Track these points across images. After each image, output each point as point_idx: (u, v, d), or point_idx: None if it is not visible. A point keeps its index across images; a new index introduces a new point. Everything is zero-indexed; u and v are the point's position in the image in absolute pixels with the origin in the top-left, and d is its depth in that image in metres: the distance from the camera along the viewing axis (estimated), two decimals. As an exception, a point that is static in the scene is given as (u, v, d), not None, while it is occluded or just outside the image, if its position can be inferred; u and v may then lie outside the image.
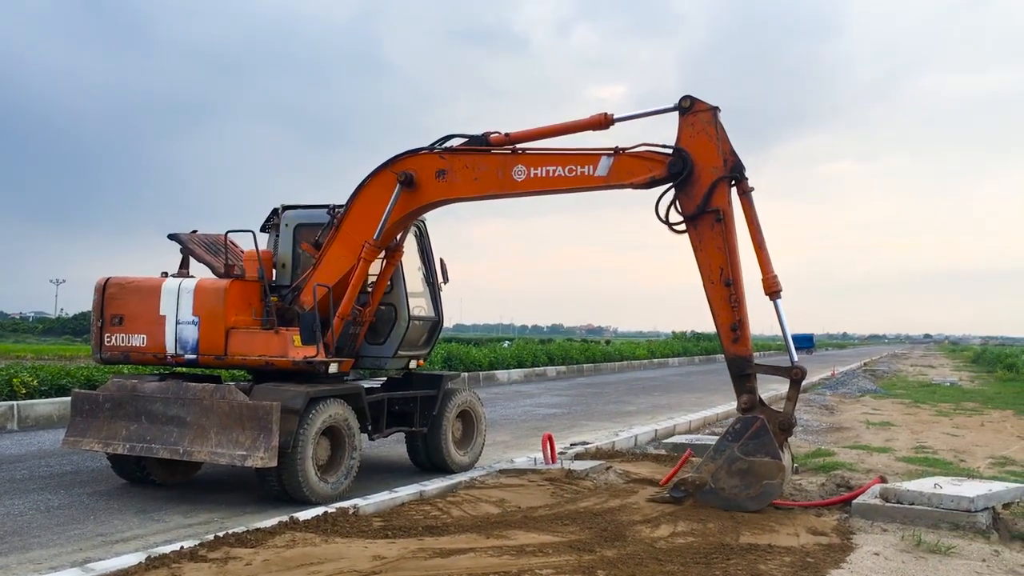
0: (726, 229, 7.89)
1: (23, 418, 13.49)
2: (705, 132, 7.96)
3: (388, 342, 9.34)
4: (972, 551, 6.33)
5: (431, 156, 8.55)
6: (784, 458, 7.60)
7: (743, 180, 7.94)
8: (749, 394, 7.85)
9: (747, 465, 7.47)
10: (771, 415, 7.77)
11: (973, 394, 23.57)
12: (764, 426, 7.53)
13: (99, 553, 6.25)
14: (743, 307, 7.93)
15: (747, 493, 7.42)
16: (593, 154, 8.20)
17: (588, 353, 38.17)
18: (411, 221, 9.11)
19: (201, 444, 7.84)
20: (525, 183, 8.31)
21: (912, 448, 12.17)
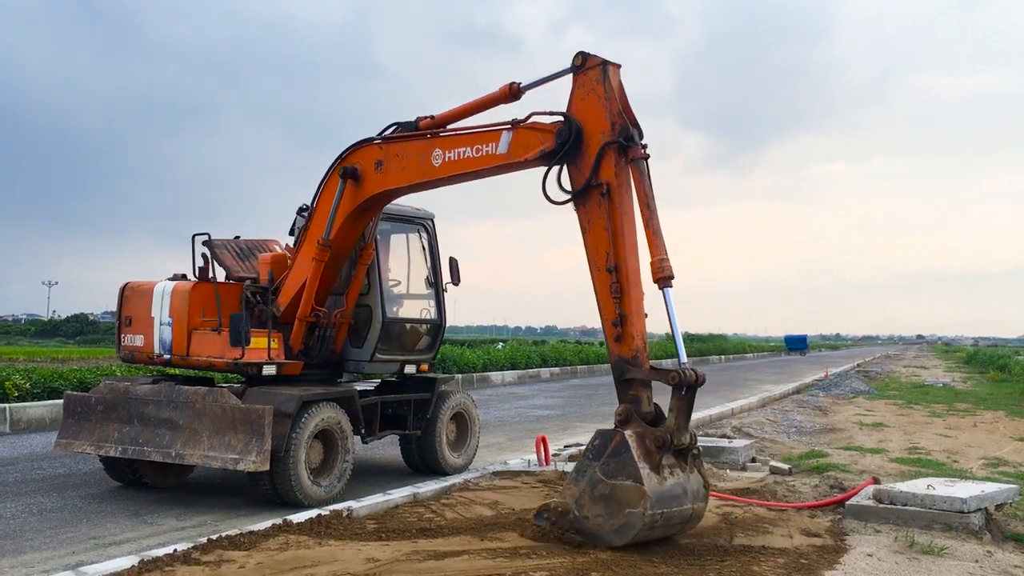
0: (611, 205, 6.73)
1: (15, 421, 13.45)
2: (593, 92, 6.89)
3: (366, 345, 9.19)
4: (965, 552, 6.35)
5: (371, 147, 8.30)
6: (664, 483, 6.13)
7: (634, 146, 6.76)
8: (629, 404, 6.49)
9: (609, 489, 6.16)
10: (648, 431, 6.34)
11: (966, 395, 23.63)
12: (624, 443, 6.16)
13: (92, 556, 6.23)
14: (629, 299, 6.63)
15: (610, 524, 6.13)
16: (496, 130, 7.52)
17: (582, 354, 38.17)
18: (365, 217, 8.68)
19: (193, 447, 7.83)
20: (443, 167, 7.80)
21: (905, 449, 12.19)
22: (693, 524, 6.53)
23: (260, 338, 8.32)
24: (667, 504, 6.10)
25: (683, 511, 6.24)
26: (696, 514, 6.43)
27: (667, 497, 6.11)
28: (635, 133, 6.78)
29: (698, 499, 6.37)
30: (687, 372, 6.28)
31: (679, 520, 6.30)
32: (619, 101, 6.83)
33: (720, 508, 7.66)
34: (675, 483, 6.20)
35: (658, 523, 6.09)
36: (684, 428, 6.32)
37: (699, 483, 6.41)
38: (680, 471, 6.28)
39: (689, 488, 6.29)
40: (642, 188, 6.71)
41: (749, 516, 7.39)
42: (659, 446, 6.19)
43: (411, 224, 9.75)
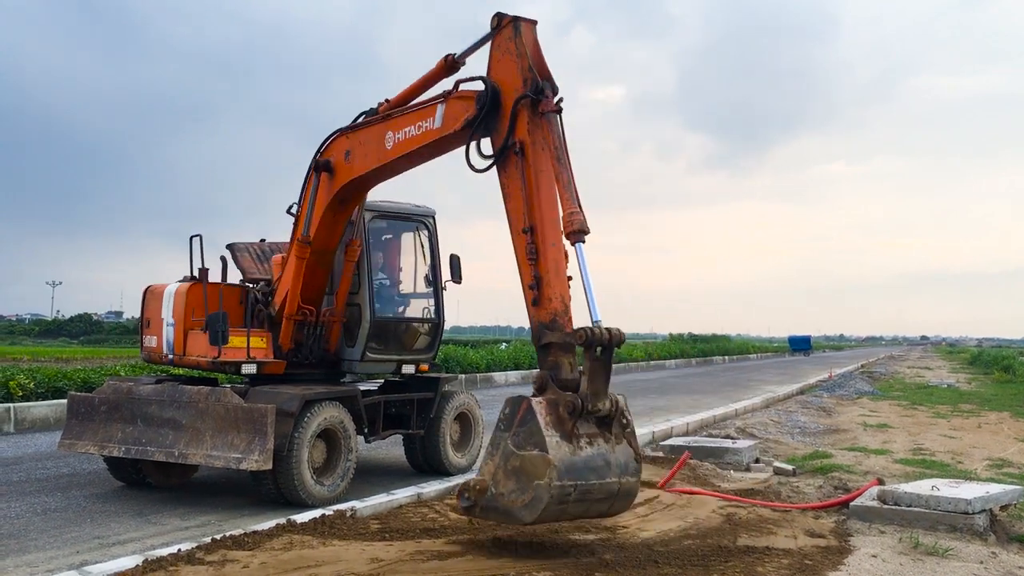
0: (524, 164, 6.46)
1: (19, 420, 13.46)
2: (508, 52, 6.69)
3: (357, 344, 9.12)
4: (969, 553, 6.33)
5: (341, 138, 8.28)
6: (577, 452, 5.67)
7: (544, 99, 6.44)
8: (548, 371, 5.99)
9: (519, 462, 5.67)
10: (561, 396, 5.82)
11: (970, 396, 23.59)
12: (531, 410, 5.69)
13: (96, 556, 6.23)
14: (546, 259, 6.22)
15: (522, 499, 5.62)
16: (432, 105, 7.37)
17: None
18: (345, 211, 8.60)
19: (196, 447, 7.83)
20: (394, 149, 7.69)
21: (909, 450, 12.17)
22: (625, 502, 6.04)
23: (243, 337, 8.42)
24: (582, 476, 5.62)
25: (605, 484, 5.75)
26: (625, 490, 5.90)
27: (582, 468, 5.63)
28: (547, 86, 6.49)
29: (626, 473, 5.85)
30: (597, 331, 5.70)
31: (601, 495, 5.78)
32: (531, 57, 6.57)
33: (724, 509, 7.65)
34: (594, 453, 5.73)
35: (571, 496, 5.60)
36: (602, 393, 5.79)
37: (628, 456, 5.91)
38: (603, 441, 5.83)
39: (614, 460, 5.81)
40: (551, 141, 6.40)
41: (753, 517, 7.38)
42: (571, 412, 5.70)
43: (410, 222, 9.69)
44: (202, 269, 8.63)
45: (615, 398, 5.91)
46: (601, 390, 5.79)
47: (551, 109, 6.45)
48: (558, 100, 6.52)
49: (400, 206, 9.49)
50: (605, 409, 5.80)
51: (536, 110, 6.47)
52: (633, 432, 6.06)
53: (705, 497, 8.12)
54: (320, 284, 8.82)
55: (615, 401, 5.89)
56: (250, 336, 8.47)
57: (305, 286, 8.62)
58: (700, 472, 9.61)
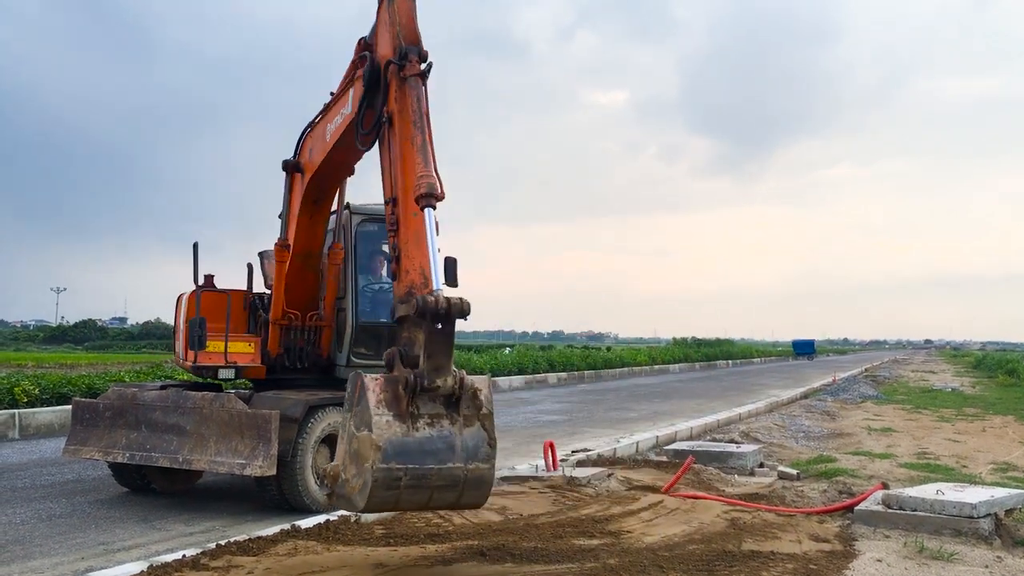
0: (391, 134, 6.18)
1: (24, 426, 13.49)
2: (383, 22, 6.52)
3: (343, 349, 9.06)
4: (975, 557, 6.32)
5: (308, 136, 8.24)
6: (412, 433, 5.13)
7: (408, 63, 6.15)
8: (401, 346, 5.46)
9: (357, 444, 5.19)
10: (401, 373, 5.30)
11: (975, 400, 23.55)
12: (363, 386, 5.21)
13: (101, 562, 6.24)
14: (407, 230, 5.84)
15: (357, 484, 5.16)
16: (346, 90, 7.21)
17: (589, 360, 38.23)
18: (320, 212, 8.52)
19: (200, 453, 7.84)
20: (331, 139, 7.57)
21: (914, 454, 12.15)
22: (477, 492, 5.36)
23: (235, 342, 8.51)
24: (417, 459, 5.09)
25: (447, 470, 5.17)
26: (473, 477, 5.26)
27: (417, 451, 5.10)
28: (412, 51, 6.21)
29: (475, 459, 5.25)
30: (432, 299, 5.19)
31: (443, 481, 5.19)
32: (402, 24, 6.34)
33: (728, 513, 7.64)
34: (434, 435, 5.19)
35: (402, 481, 5.07)
36: (443, 368, 5.24)
37: (479, 440, 5.29)
38: (448, 423, 5.26)
39: (459, 444, 5.23)
40: (410, 104, 6.07)
41: (757, 521, 7.37)
42: (405, 389, 5.17)
43: None
44: (208, 276, 8.69)
45: (461, 375, 5.32)
46: (443, 365, 5.25)
47: (413, 73, 6.15)
48: (428, 65, 6.28)
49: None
50: (446, 386, 5.23)
51: (400, 75, 6.19)
52: (490, 415, 5.40)
53: (709, 502, 8.11)
54: (310, 289, 8.81)
55: (460, 379, 5.29)
56: (235, 341, 8.51)
57: (291, 291, 8.63)
58: (704, 477, 9.61)
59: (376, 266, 9.56)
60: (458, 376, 5.30)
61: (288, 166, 8.35)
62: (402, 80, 6.16)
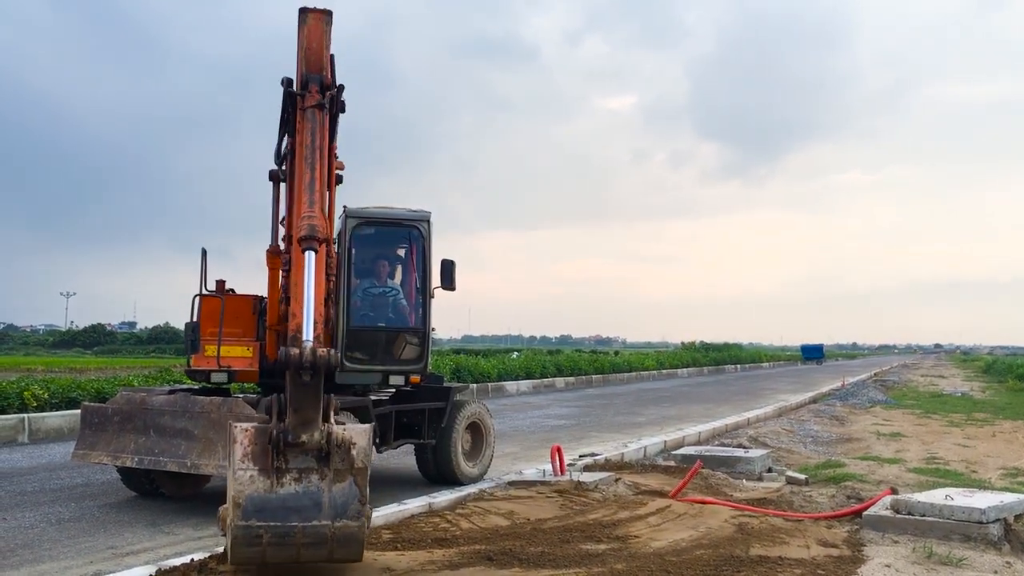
0: (291, 167, 6.05)
1: (34, 431, 13.55)
2: (299, 46, 6.39)
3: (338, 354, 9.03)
4: (983, 563, 6.30)
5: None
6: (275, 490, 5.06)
7: (307, 94, 6.04)
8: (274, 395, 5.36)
9: (231, 493, 5.13)
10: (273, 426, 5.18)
11: (984, 404, 23.46)
12: (233, 438, 5.15)
13: (109, 566, 6.26)
14: (295, 271, 5.65)
15: (229, 536, 5.13)
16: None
17: (597, 364, 38.20)
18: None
19: (209, 457, 7.86)
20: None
21: (923, 459, 12.12)
22: (348, 548, 5.22)
23: (233, 347, 8.55)
24: (279, 517, 5.00)
25: (311, 528, 5.04)
26: (342, 535, 5.12)
27: (279, 508, 5.01)
28: (313, 79, 6.07)
29: (343, 516, 5.10)
30: (293, 350, 5.05)
31: (308, 539, 5.06)
32: (311, 49, 6.21)
33: (736, 518, 7.63)
34: (299, 492, 5.07)
35: (264, 539, 4.97)
36: (309, 423, 5.10)
37: (349, 496, 5.14)
38: (317, 478, 5.12)
39: (327, 500, 5.10)
40: (303, 139, 5.90)
41: (765, 526, 7.36)
42: (270, 443, 5.05)
43: (400, 227, 9.49)
44: (219, 281, 8.72)
45: (330, 430, 5.19)
46: (310, 419, 5.13)
47: (311, 104, 6.03)
48: (331, 96, 6.16)
49: (389, 212, 9.34)
50: (312, 441, 5.10)
51: (301, 105, 6.09)
52: (364, 469, 5.23)
53: (717, 507, 8.10)
54: None
55: (328, 433, 5.17)
56: (233, 345, 8.55)
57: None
58: (712, 481, 9.59)
59: (371, 270, 9.54)
60: (326, 431, 5.16)
61: (273, 175, 8.41)
62: (302, 112, 6.04)
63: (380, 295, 9.58)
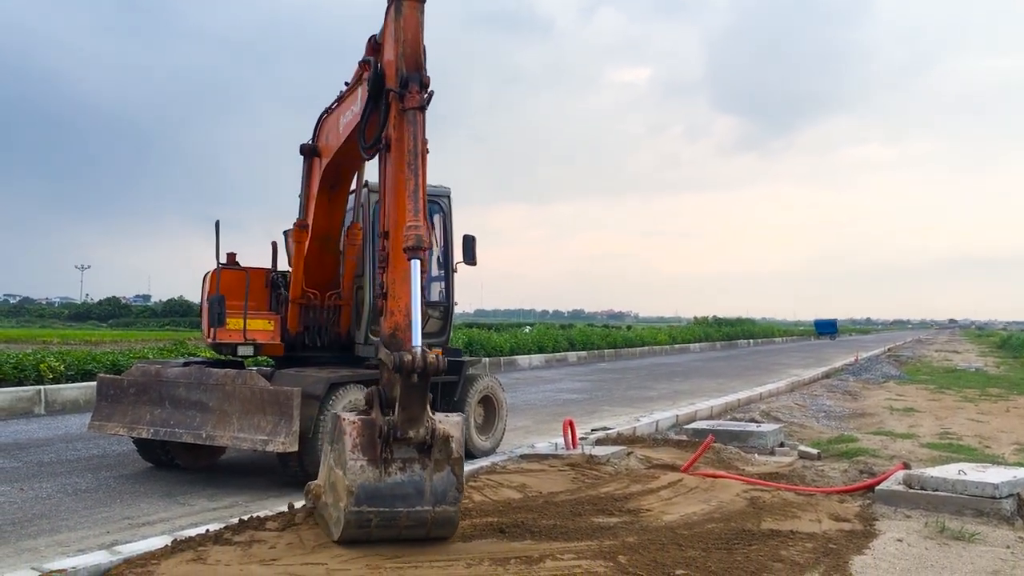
0: (387, 163, 6.17)
1: (50, 402, 13.68)
2: (391, 33, 6.30)
3: (362, 327, 9.11)
4: (996, 538, 6.29)
5: (326, 120, 8.25)
6: (384, 479, 5.51)
7: (408, 93, 6.01)
8: (381, 387, 5.83)
9: (335, 479, 5.68)
10: (379, 419, 5.65)
11: (998, 380, 23.37)
12: (342, 430, 5.60)
13: (126, 536, 6.32)
14: (395, 269, 5.99)
15: (334, 515, 5.66)
16: (356, 87, 7.14)
17: (609, 339, 38.20)
18: (338, 195, 8.58)
19: (224, 429, 7.92)
20: (343, 130, 7.58)
21: (936, 434, 12.09)
22: (443, 529, 5.73)
23: (255, 320, 8.62)
24: (387, 503, 5.49)
25: (415, 513, 5.56)
26: (440, 519, 5.65)
27: (388, 495, 5.50)
28: (414, 78, 6.06)
29: (443, 502, 5.61)
30: (409, 356, 5.42)
31: (411, 523, 5.58)
32: (406, 43, 6.14)
33: (748, 492, 7.64)
34: (403, 480, 5.55)
35: (373, 522, 5.50)
36: (417, 420, 5.56)
37: (448, 484, 5.64)
38: (419, 468, 5.60)
39: (428, 488, 5.58)
40: (404, 144, 5.97)
41: (777, 501, 7.37)
42: (379, 437, 5.53)
43: None
44: (230, 254, 8.75)
45: (434, 426, 5.64)
46: (416, 416, 5.56)
47: (412, 106, 6.02)
48: (429, 95, 6.11)
49: None
50: (418, 437, 5.57)
51: (400, 105, 6.09)
52: (460, 459, 5.74)
53: (729, 480, 8.11)
54: (329, 269, 8.87)
55: (432, 429, 5.62)
56: (255, 319, 8.59)
57: (312, 271, 8.70)
58: (724, 456, 9.60)
59: None
60: (430, 426, 5.61)
61: (305, 150, 8.40)
62: (401, 111, 6.05)
63: None
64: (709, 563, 5.46)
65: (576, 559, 5.49)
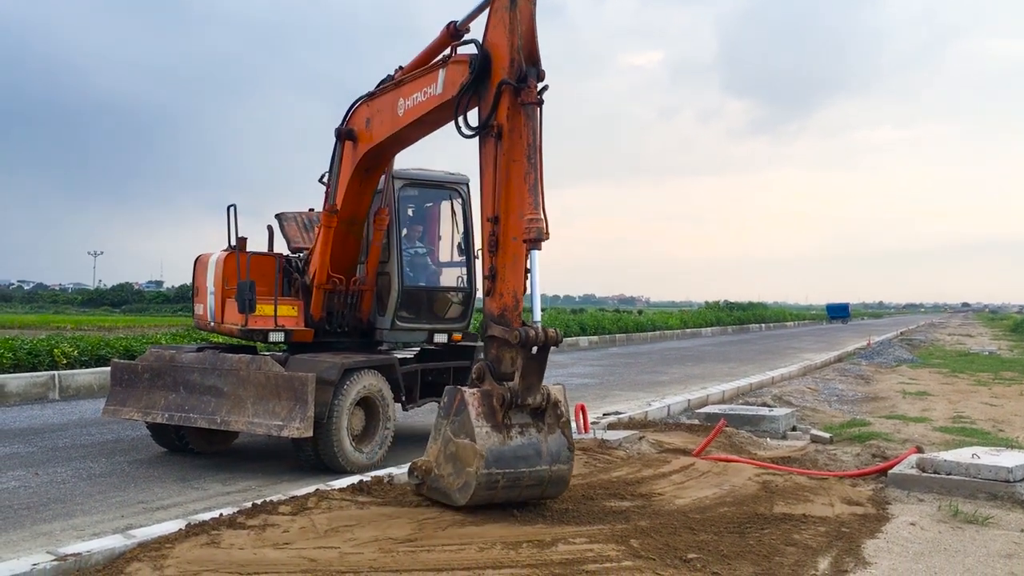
0: (500, 151, 6.29)
1: (64, 388, 13.76)
2: (502, 21, 6.37)
3: (387, 313, 9.13)
4: (1010, 521, 6.27)
5: (363, 106, 8.27)
6: (507, 442, 5.98)
7: (525, 88, 6.17)
8: (489, 363, 6.23)
9: (455, 448, 6.07)
10: (495, 389, 6.11)
11: (1012, 363, 23.25)
12: (463, 400, 6.03)
13: (140, 520, 6.37)
14: (505, 254, 6.27)
15: (457, 483, 6.05)
16: (435, 69, 7.19)
17: (620, 323, 38.18)
18: (371, 180, 8.66)
19: (238, 414, 7.95)
20: (405, 115, 7.62)
21: (949, 418, 12.04)
22: (557, 487, 6.31)
23: (280, 306, 8.61)
24: (511, 464, 5.97)
25: (535, 472, 6.07)
26: (556, 476, 6.20)
27: (512, 457, 5.98)
28: (531, 73, 6.20)
29: (558, 461, 6.17)
30: (533, 331, 5.94)
31: (531, 481, 6.10)
32: (522, 35, 6.24)
33: (760, 476, 7.63)
34: (524, 443, 6.05)
35: (500, 483, 5.96)
36: (534, 387, 6.07)
37: (560, 445, 6.20)
38: (535, 431, 6.13)
39: (545, 449, 6.12)
40: (524, 137, 6.15)
41: (789, 484, 7.36)
42: (501, 404, 5.99)
43: (442, 189, 9.61)
44: (240, 238, 8.74)
45: (548, 391, 6.17)
46: (534, 385, 6.07)
47: (531, 101, 6.18)
48: (542, 89, 6.26)
49: (431, 174, 9.45)
50: (536, 402, 6.09)
51: (517, 98, 6.22)
52: (568, 423, 6.34)
53: (741, 465, 8.10)
54: (351, 254, 8.86)
55: (547, 394, 6.15)
56: (278, 304, 8.59)
57: (335, 255, 8.68)
58: (736, 440, 9.59)
59: (418, 230, 9.61)
60: (546, 393, 6.14)
61: (340, 133, 8.37)
62: (519, 104, 6.18)
63: (428, 255, 9.67)
64: (721, 547, 5.47)
65: (588, 543, 5.50)
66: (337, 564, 4.98)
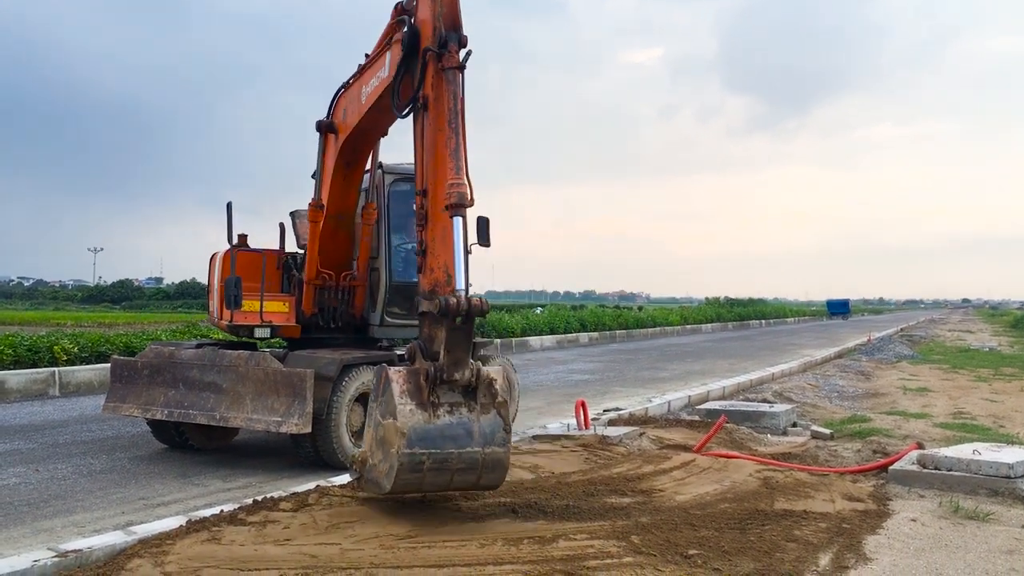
0: (425, 122, 6.15)
1: (64, 384, 13.76)
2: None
3: (377, 308, 9.12)
4: (1011, 517, 6.27)
5: (342, 96, 8.25)
6: (433, 421, 5.55)
7: (447, 52, 6.02)
8: (422, 341, 5.85)
9: (383, 431, 5.66)
10: (421, 366, 5.73)
11: (1012, 359, 23.25)
12: (387, 378, 5.62)
13: (141, 516, 6.37)
14: (434, 227, 6.01)
15: (384, 468, 5.64)
16: (383, 53, 7.12)
17: (621, 319, 38.19)
18: (354, 173, 8.62)
19: (237, 410, 7.95)
20: (366, 102, 7.57)
21: (950, 414, 12.04)
22: (494, 473, 5.81)
23: (270, 302, 8.64)
24: (438, 444, 5.53)
25: (466, 454, 5.62)
26: (490, 460, 5.70)
27: (438, 436, 5.54)
28: (452, 38, 6.07)
29: (492, 443, 5.68)
30: (454, 300, 5.51)
31: (462, 464, 5.63)
32: (445, 3, 6.17)
33: (761, 473, 7.63)
34: (453, 422, 5.61)
35: (425, 464, 5.51)
36: (462, 362, 5.64)
37: (495, 426, 5.72)
38: (466, 410, 5.68)
39: (477, 429, 5.66)
40: (444, 103, 5.97)
41: (790, 481, 7.35)
42: (426, 380, 5.59)
43: None
44: (241, 235, 8.75)
45: (477, 368, 5.76)
46: (461, 359, 5.66)
47: (452, 65, 6.02)
48: (466, 55, 6.11)
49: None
50: (464, 379, 5.67)
51: (439, 64, 6.08)
52: (505, 403, 5.84)
53: (742, 461, 8.10)
54: (342, 249, 8.86)
55: (476, 371, 5.73)
56: (268, 300, 8.61)
57: (325, 251, 8.68)
58: (737, 436, 9.59)
59: (409, 225, 9.55)
60: (474, 368, 5.71)
61: (322, 127, 8.37)
62: (440, 70, 6.05)
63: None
64: (722, 543, 5.46)
65: (589, 539, 5.50)
66: (338, 560, 4.98)
